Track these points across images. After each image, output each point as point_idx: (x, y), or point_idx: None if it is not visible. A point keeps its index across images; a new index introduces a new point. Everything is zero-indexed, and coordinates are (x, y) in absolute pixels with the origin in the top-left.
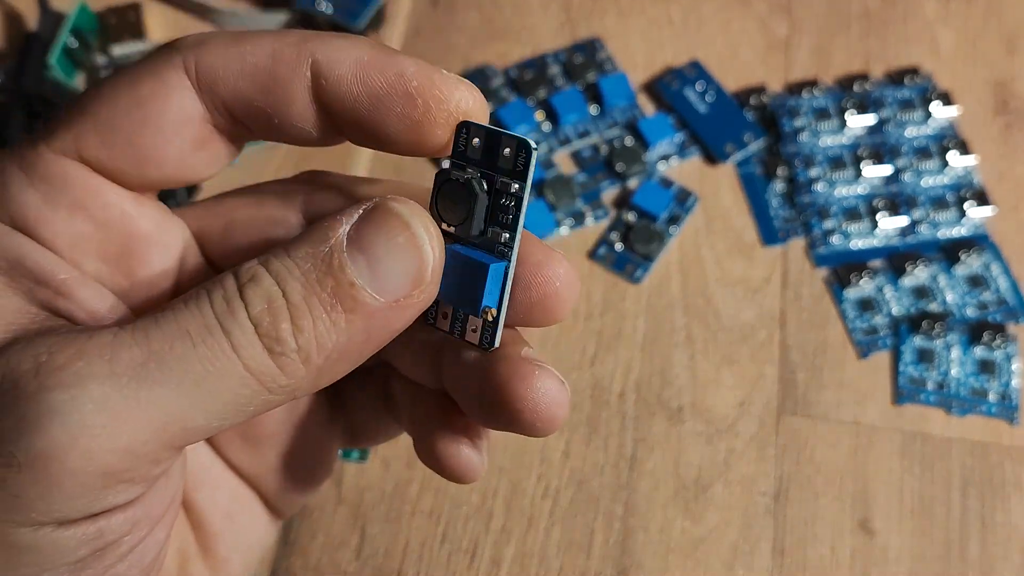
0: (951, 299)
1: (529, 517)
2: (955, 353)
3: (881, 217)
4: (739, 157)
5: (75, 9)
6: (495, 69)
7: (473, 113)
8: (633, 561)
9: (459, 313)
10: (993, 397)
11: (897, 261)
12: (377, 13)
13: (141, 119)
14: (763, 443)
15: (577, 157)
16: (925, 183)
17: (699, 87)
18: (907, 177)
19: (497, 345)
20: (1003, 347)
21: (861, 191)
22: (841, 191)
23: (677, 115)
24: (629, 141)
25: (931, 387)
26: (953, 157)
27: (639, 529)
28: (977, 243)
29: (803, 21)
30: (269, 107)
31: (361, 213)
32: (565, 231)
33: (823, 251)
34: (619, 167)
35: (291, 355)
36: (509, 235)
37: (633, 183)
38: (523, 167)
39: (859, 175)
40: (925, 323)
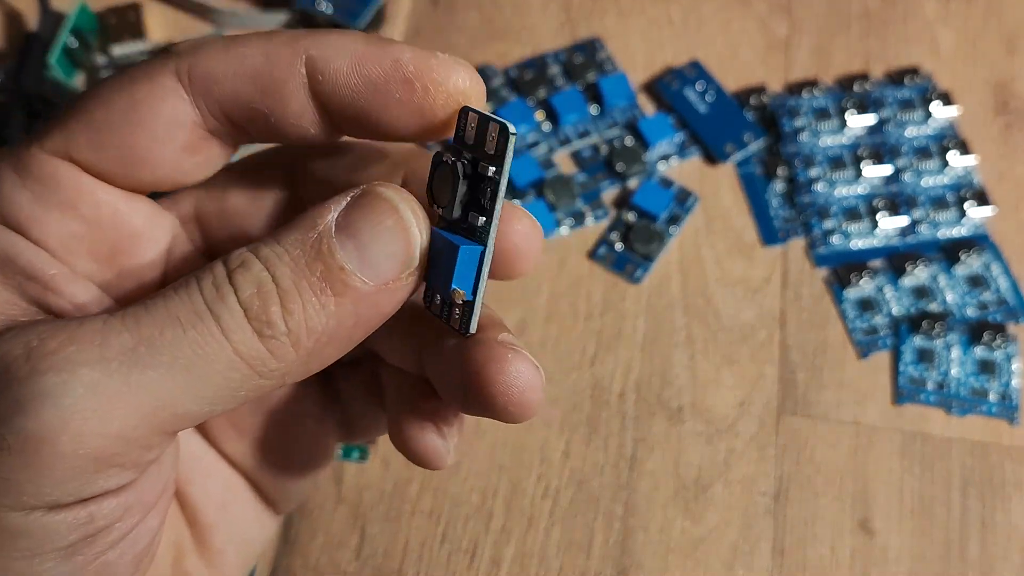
0: (951, 299)
1: (529, 517)
2: (955, 353)
3: (881, 217)
4: (739, 157)
5: (75, 9)
6: (495, 69)
7: (471, 92)
8: (633, 561)
9: (447, 296)
10: (993, 397)
11: (897, 261)
12: (377, 13)
13: (131, 122)
14: (763, 443)
15: (577, 157)
16: (925, 183)
17: (699, 87)
18: (907, 177)
19: (473, 330)
20: (1003, 347)
21: (861, 191)
22: (841, 191)
23: (677, 115)
24: (629, 141)
25: (931, 387)
26: (953, 157)
27: (639, 529)
28: (977, 243)
29: (803, 21)
30: (266, 107)
31: (349, 200)
32: (565, 231)
33: (823, 251)
34: (619, 167)
35: (281, 338)
36: (485, 220)
37: (633, 183)
38: (501, 151)
39: (859, 175)
40: (925, 323)
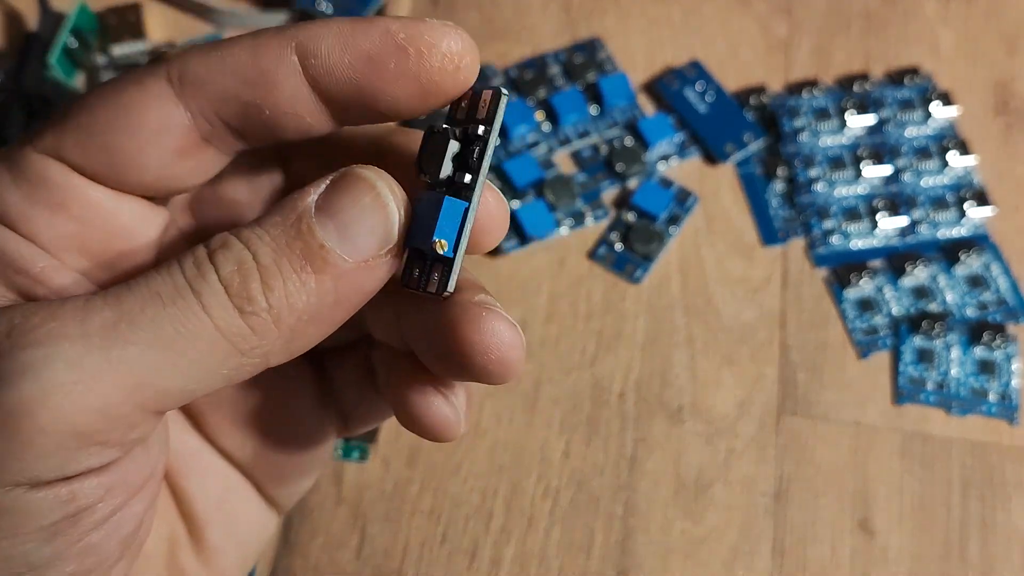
0: (951, 299)
1: (529, 517)
2: (955, 353)
3: (881, 217)
4: (739, 157)
5: (75, 9)
6: (495, 69)
7: (465, 52)
8: (633, 561)
9: (426, 266)
10: (993, 397)
11: (897, 261)
12: (377, 13)
13: (117, 126)
14: (763, 443)
15: (577, 157)
16: (925, 183)
17: (699, 87)
18: (907, 177)
19: (451, 289)
20: (1003, 347)
21: (861, 191)
22: (841, 191)
23: (677, 115)
24: (629, 141)
25: (931, 387)
26: (953, 157)
27: (639, 529)
28: (977, 243)
29: (803, 21)
30: (258, 99)
31: (329, 182)
32: (565, 231)
33: (823, 251)
34: (619, 167)
35: (262, 315)
36: (472, 177)
37: (633, 183)
38: (492, 112)
39: (859, 175)
40: (925, 323)
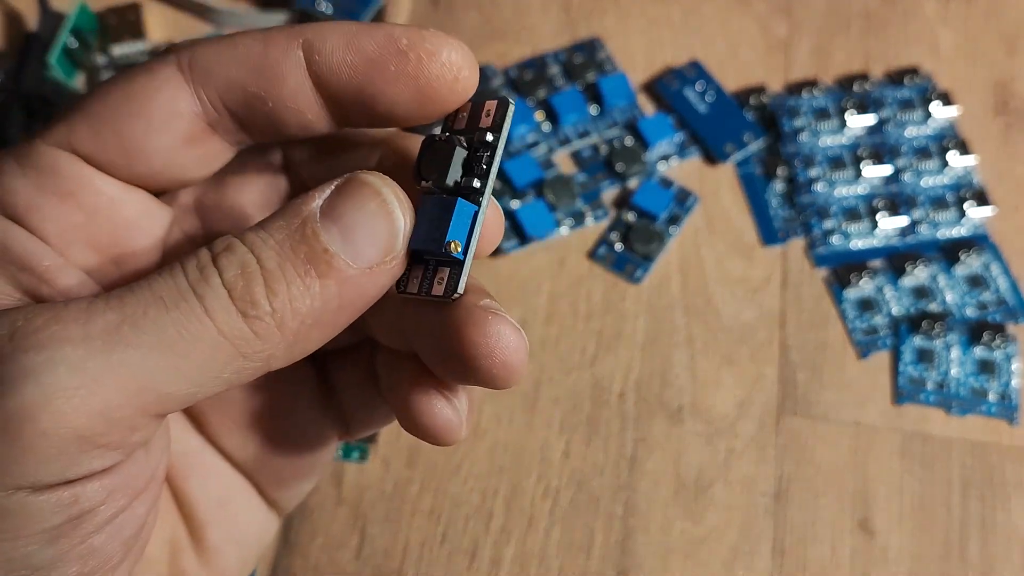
0: (951, 299)
1: (529, 517)
2: (955, 353)
3: (881, 217)
4: (739, 157)
5: (75, 9)
6: (495, 69)
7: (463, 64)
8: (633, 561)
9: (427, 272)
10: (993, 397)
11: (897, 261)
12: (377, 13)
13: (130, 112)
14: (763, 443)
15: (577, 157)
16: (925, 183)
17: (699, 87)
18: (907, 177)
19: (461, 291)
20: (1003, 347)
21: (861, 191)
22: (841, 191)
23: (677, 115)
24: (629, 141)
25: (931, 387)
26: (953, 157)
27: (639, 529)
28: (977, 243)
29: (803, 21)
30: (263, 89)
31: (334, 187)
32: (565, 231)
33: (823, 251)
34: (619, 167)
35: (266, 319)
36: (481, 183)
37: (633, 183)
38: (500, 120)
39: (859, 175)
40: (925, 323)
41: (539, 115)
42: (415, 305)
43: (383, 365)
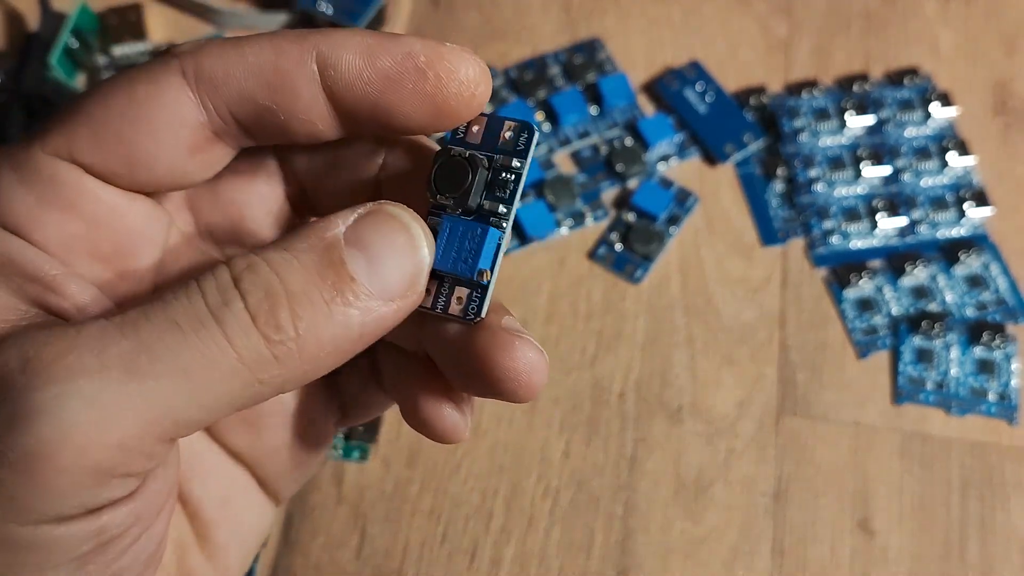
0: (950, 299)
1: (529, 517)
2: (954, 353)
3: (880, 217)
4: (739, 157)
5: (76, 9)
6: (495, 69)
7: (480, 80)
8: (633, 561)
9: (443, 288)
10: (992, 397)
11: (896, 261)
12: (378, 13)
13: (134, 121)
14: (763, 443)
15: (577, 157)
16: (924, 183)
17: (699, 87)
18: (906, 177)
19: (483, 316)
20: (1002, 347)
21: (860, 191)
22: (840, 191)
23: (677, 115)
24: (629, 141)
25: (930, 387)
26: (952, 157)
27: (639, 529)
28: (976, 243)
29: (803, 21)
30: (275, 103)
31: (358, 215)
32: (565, 231)
33: (823, 251)
34: (619, 167)
35: (289, 344)
36: (506, 208)
37: (633, 183)
38: (525, 146)
39: (858, 175)
40: (924, 323)
41: (539, 115)
42: (431, 318)
43: (388, 360)
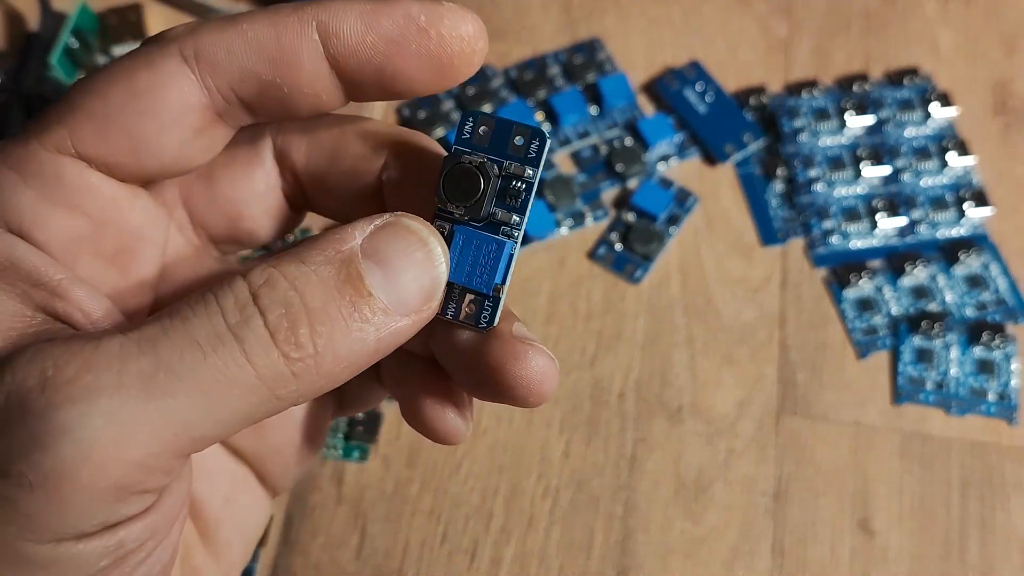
0: (950, 299)
1: (529, 517)
2: (954, 353)
3: (880, 217)
4: (739, 157)
5: (76, 9)
6: (495, 69)
7: (479, 37)
8: (633, 561)
9: (453, 294)
10: (992, 397)
11: (896, 261)
12: None
13: (139, 110)
14: (763, 443)
15: (577, 157)
16: (924, 183)
17: (699, 87)
18: (906, 177)
19: (495, 324)
20: (1002, 347)
21: (860, 191)
22: (840, 191)
23: (677, 115)
24: (629, 141)
25: (930, 387)
26: (952, 157)
27: (639, 529)
28: (976, 243)
29: (803, 21)
30: (279, 76)
31: (374, 227)
32: (565, 231)
33: (822, 251)
34: (619, 167)
35: (307, 360)
36: (518, 217)
37: (633, 183)
38: (536, 154)
39: (858, 175)
40: (924, 323)
41: (539, 115)
42: (441, 324)
43: (389, 358)
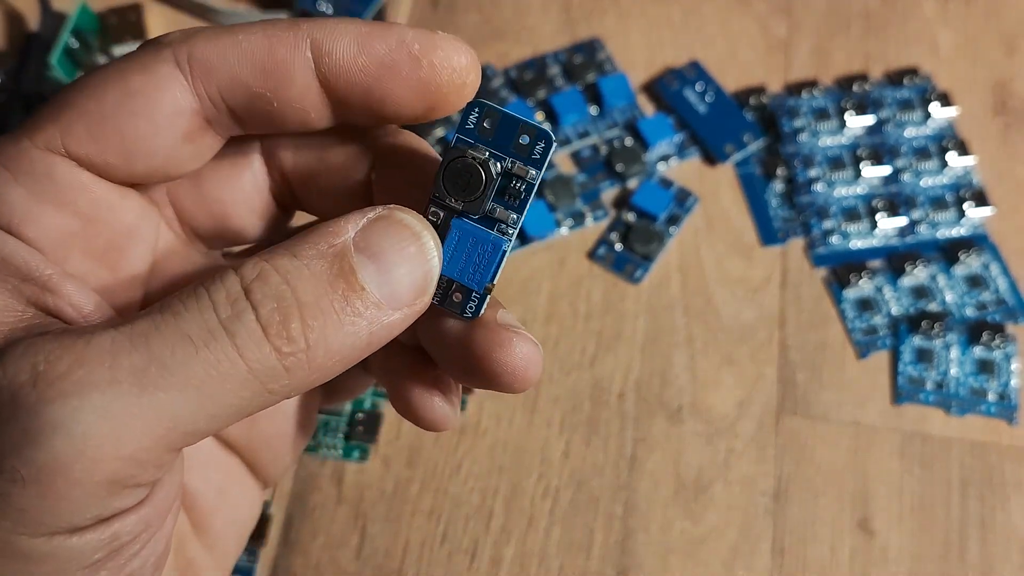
0: (950, 299)
1: (529, 517)
2: (954, 353)
3: (880, 217)
4: (738, 157)
5: (76, 9)
6: (495, 69)
7: (471, 70)
8: (633, 561)
9: (441, 281)
10: (992, 397)
11: (896, 261)
12: (377, 14)
13: (131, 112)
14: (763, 443)
15: (577, 157)
16: (924, 183)
17: (699, 87)
18: (906, 177)
19: (482, 314)
20: (1002, 347)
21: (860, 191)
22: (840, 191)
23: (677, 115)
24: (629, 141)
25: (930, 387)
26: (952, 157)
27: (639, 529)
28: (976, 243)
29: (803, 21)
30: (269, 89)
31: (367, 220)
32: (565, 231)
33: (822, 251)
34: (619, 167)
35: (299, 355)
36: (516, 216)
37: (633, 183)
38: (541, 156)
39: (858, 175)
40: (924, 323)
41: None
42: (430, 312)
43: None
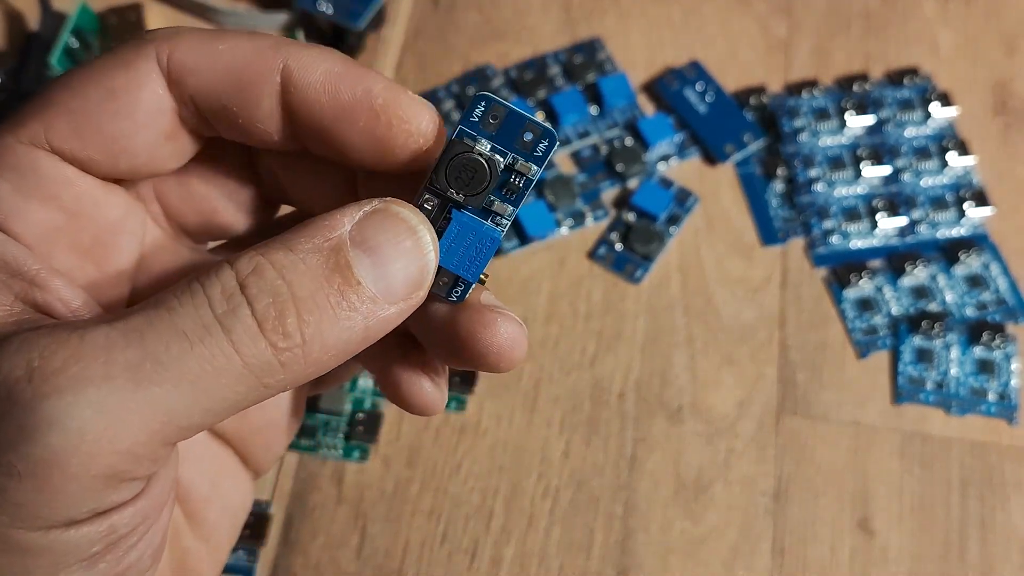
0: (950, 299)
1: (529, 517)
2: (954, 353)
3: (880, 217)
4: (739, 157)
5: (76, 9)
6: (495, 69)
7: (432, 132)
8: (633, 561)
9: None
10: (992, 397)
11: (896, 261)
12: (378, 14)
13: (114, 109)
14: (763, 443)
15: (577, 157)
16: (924, 183)
17: (699, 87)
18: (906, 177)
19: (465, 299)
20: (1002, 347)
21: (860, 191)
22: (840, 191)
23: (677, 115)
24: (629, 141)
25: (930, 387)
26: (952, 157)
27: (639, 529)
28: (976, 243)
29: (803, 21)
30: (236, 106)
31: (363, 214)
32: (565, 231)
33: (822, 251)
34: (619, 167)
35: (295, 350)
36: (512, 208)
37: (633, 183)
38: (543, 154)
39: (858, 175)
40: (924, 323)
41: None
42: None
43: None
